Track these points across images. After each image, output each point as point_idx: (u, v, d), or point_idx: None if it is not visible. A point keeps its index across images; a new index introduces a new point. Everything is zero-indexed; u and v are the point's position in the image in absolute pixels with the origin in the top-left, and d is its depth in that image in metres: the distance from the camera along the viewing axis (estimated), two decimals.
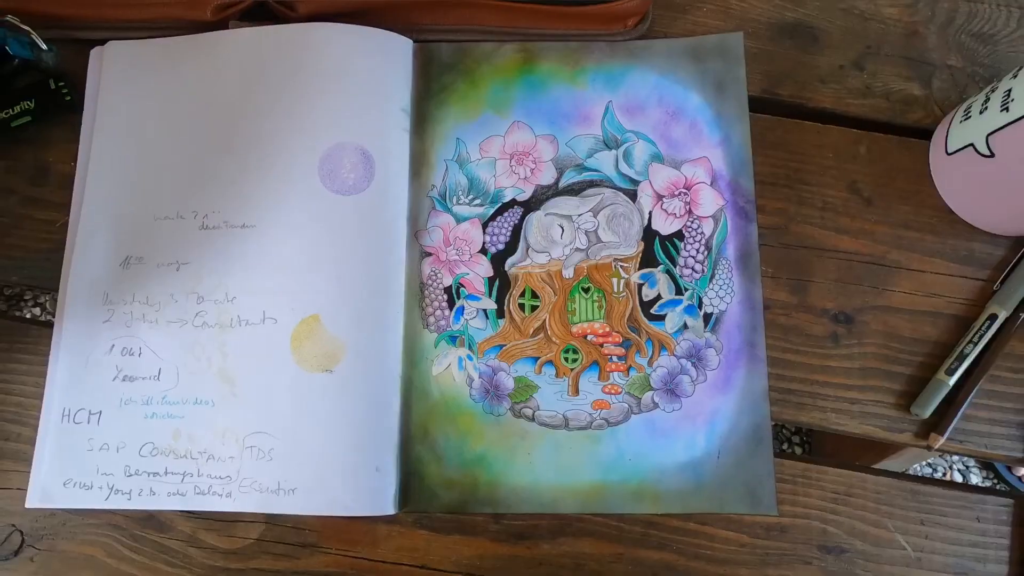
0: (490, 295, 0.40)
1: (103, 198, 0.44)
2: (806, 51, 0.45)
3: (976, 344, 0.39)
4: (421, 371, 0.39)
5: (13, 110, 0.43)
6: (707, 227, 0.41)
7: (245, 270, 0.40)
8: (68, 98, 0.45)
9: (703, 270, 0.41)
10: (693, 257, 0.41)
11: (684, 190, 0.42)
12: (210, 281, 0.40)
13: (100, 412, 0.39)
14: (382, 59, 0.42)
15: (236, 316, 0.39)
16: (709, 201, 0.42)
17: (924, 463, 0.98)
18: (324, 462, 0.37)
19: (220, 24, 0.43)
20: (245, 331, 0.39)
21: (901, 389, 0.40)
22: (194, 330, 0.39)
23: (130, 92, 0.45)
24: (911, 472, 0.60)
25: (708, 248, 0.41)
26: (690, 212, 0.42)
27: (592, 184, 0.42)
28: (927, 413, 0.42)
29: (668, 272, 0.41)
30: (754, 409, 0.39)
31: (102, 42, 0.45)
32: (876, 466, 0.61)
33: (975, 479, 0.99)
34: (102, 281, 0.41)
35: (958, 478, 0.98)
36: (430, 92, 0.43)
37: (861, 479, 0.41)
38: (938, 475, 0.99)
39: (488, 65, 0.43)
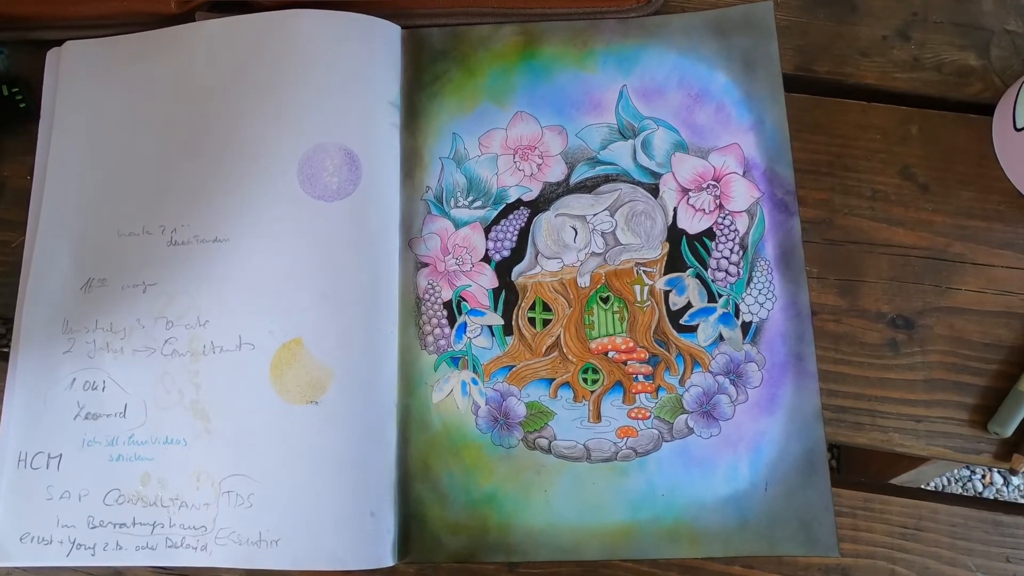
0: (496, 309, 0.38)
1: (62, 214, 0.41)
2: (844, 21, 0.42)
3: None
4: (420, 399, 0.37)
5: None
6: (741, 223, 0.38)
7: (218, 290, 0.37)
8: (23, 105, 0.42)
9: (738, 273, 0.38)
10: (726, 258, 0.38)
11: (713, 182, 0.39)
12: (180, 304, 0.38)
13: (60, 455, 0.37)
14: (366, 48, 0.39)
15: (209, 342, 0.37)
16: (742, 193, 0.39)
17: (959, 471, 0.91)
18: (311, 508, 0.34)
19: (186, 17, 0.41)
20: (219, 359, 0.36)
21: (974, 403, 0.37)
22: (163, 359, 0.37)
23: (91, 96, 0.42)
24: (964, 487, 0.54)
25: (743, 247, 0.38)
26: (721, 207, 0.38)
27: (607, 179, 0.39)
28: (1009, 431, 0.36)
29: (698, 276, 0.38)
30: (805, 432, 0.36)
31: (59, 43, 0.43)
32: (897, 481, 0.55)
33: None
34: (61, 307, 0.39)
35: (998, 480, 0.91)
36: (421, 83, 0.41)
37: (932, 510, 0.37)
38: (976, 480, 0.92)
39: (485, 50, 0.41)
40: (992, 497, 0.86)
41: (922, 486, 0.74)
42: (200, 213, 0.38)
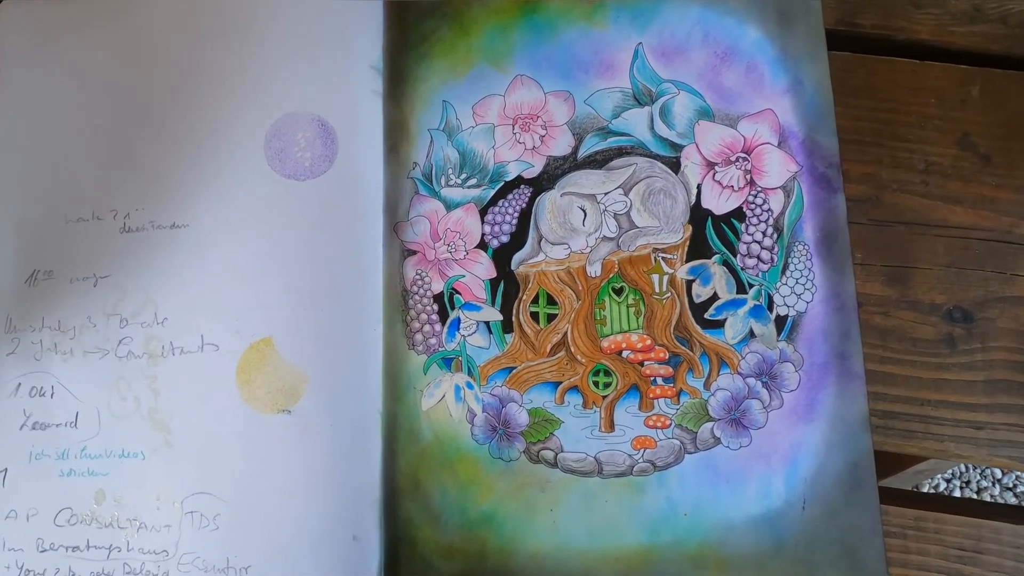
0: (493, 303, 0.36)
1: (3, 199, 0.38)
2: None
3: None
4: (407, 405, 0.35)
5: None
6: (775, 202, 0.35)
7: (178, 283, 0.35)
8: None
9: (772, 259, 0.35)
10: (758, 242, 0.35)
11: (743, 154, 0.36)
12: (135, 299, 0.36)
13: (5, 470, 0.35)
14: (343, 4, 0.37)
15: (168, 343, 0.35)
16: (777, 167, 0.35)
17: (952, 472, 0.85)
18: (285, 531, 0.33)
19: None
20: (180, 362, 0.35)
21: None
22: (117, 362, 0.35)
23: (32, 66, 0.39)
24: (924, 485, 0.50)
25: (778, 230, 0.35)
26: (752, 183, 0.35)
27: (621, 152, 0.36)
28: None
29: (726, 264, 0.35)
30: (850, 442, 0.33)
31: None
32: (886, 483, 0.51)
33: None
34: (3, 302, 0.37)
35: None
36: (407, 44, 0.38)
37: (994, 529, 0.34)
38: (978, 486, 0.85)
39: (480, 5, 0.38)
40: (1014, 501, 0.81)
41: (916, 487, 0.70)
42: (156, 196, 0.36)
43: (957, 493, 0.78)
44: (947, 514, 0.34)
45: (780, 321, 0.34)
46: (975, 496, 0.77)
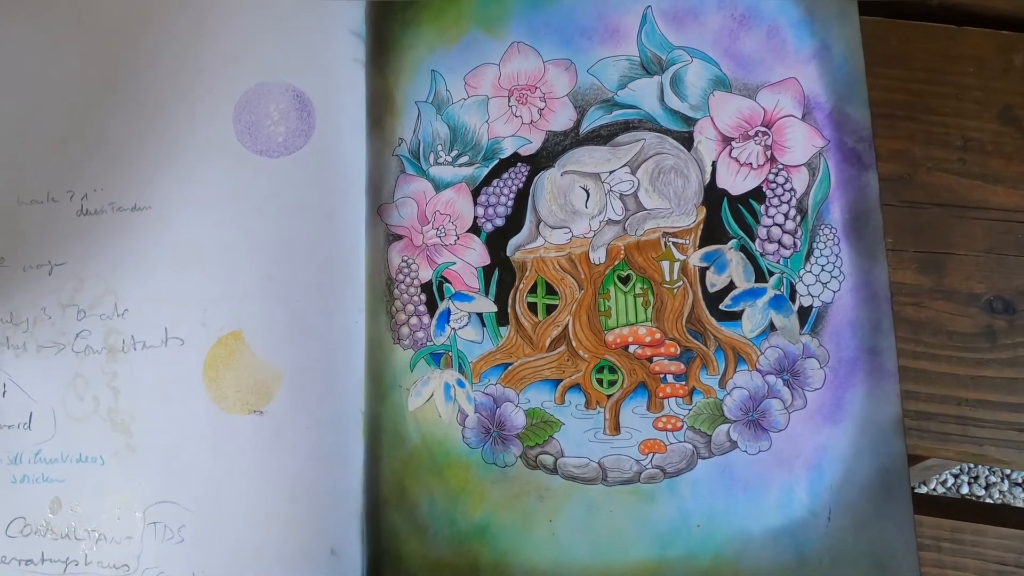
0: (487, 293, 0.34)
1: None
2: None
3: None
4: (392, 405, 0.34)
5: None
6: (799, 180, 0.34)
7: (139, 271, 0.34)
8: None
9: (795, 244, 0.33)
10: (780, 226, 0.33)
11: (763, 128, 0.34)
12: (93, 288, 0.34)
13: None
14: None
15: (129, 337, 0.33)
16: (801, 142, 0.34)
17: (954, 472, 0.82)
18: (256, 544, 0.31)
19: None
20: (142, 357, 0.33)
21: None
22: (75, 358, 0.34)
23: None
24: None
25: (801, 211, 0.33)
26: (773, 160, 0.34)
27: (628, 127, 0.35)
28: None
29: (743, 249, 0.33)
30: (881, 446, 0.31)
31: None
32: None
33: None
34: None
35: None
36: (392, 7, 0.36)
37: None
38: (987, 481, 0.82)
39: None
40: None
41: (923, 483, 0.68)
42: (116, 175, 0.34)
43: (965, 489, 0.76)
44: (987, 524, 0.33)
45: (804, 312, 0.33)
46: (983, 492, 0.74)
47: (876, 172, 0.33)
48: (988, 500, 0.75)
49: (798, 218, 0.33)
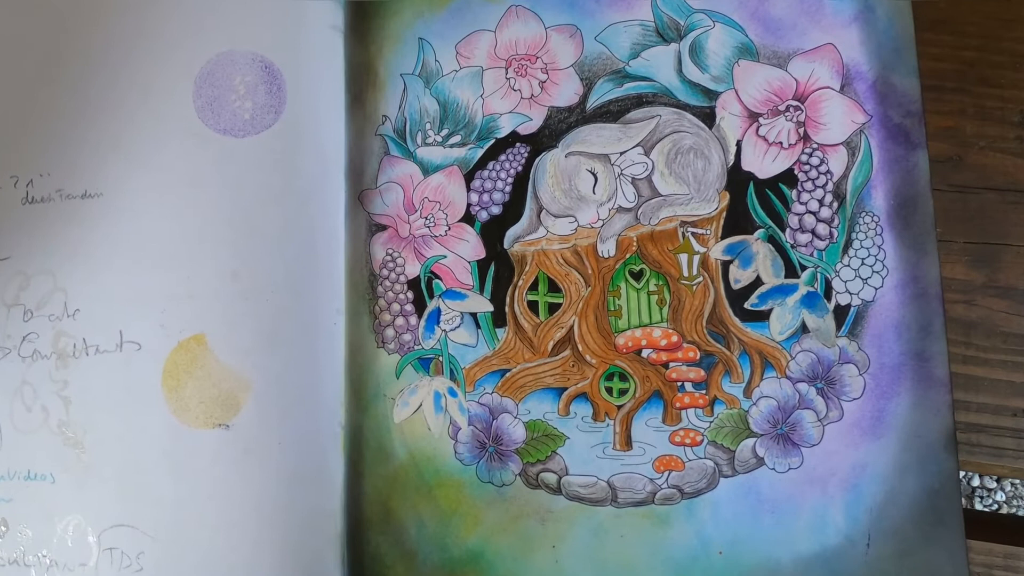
0: (482, 290, 0.33)
1: None
2: None
3: None
4: (376, 417, 0.33)
5: None
6: (836, 161, 0.32)
7: (91, 266, 0.33)
8: None
9: (831, 234, 0.31)
10: (814, 213, 0.32)
11: (795, 102, 0.32)
12: (41, 285, 0.33)
13: None
14: None
15: (81, 340, 0.32)
16: (839, 117, 0.32)
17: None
18: (222, 573, 0.31)
19: None
20: (95, 364, 0.32)
21: None
22: (21, 363, 0.33)
23: None
24: None
25: (839, 197, 0.32)
26: (806, 138, 0.32)
27: (641, 102, 0.33)
28: None
29: (772, 240, 0.32)
30: (929, 463, 0.29)
31: None
32: None
33: None
34: None
35: None
36: None
37: None
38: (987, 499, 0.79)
39: None
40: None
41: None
42: (64, 159, 0.33)
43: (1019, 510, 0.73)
44: None
45: (840, 312, 0.31)
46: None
47: (926, 151, 0.31)
48: None
49: (835, 204, 0.31)
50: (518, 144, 0.33)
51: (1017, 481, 0.67)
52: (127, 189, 0.32)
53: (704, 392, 0.31)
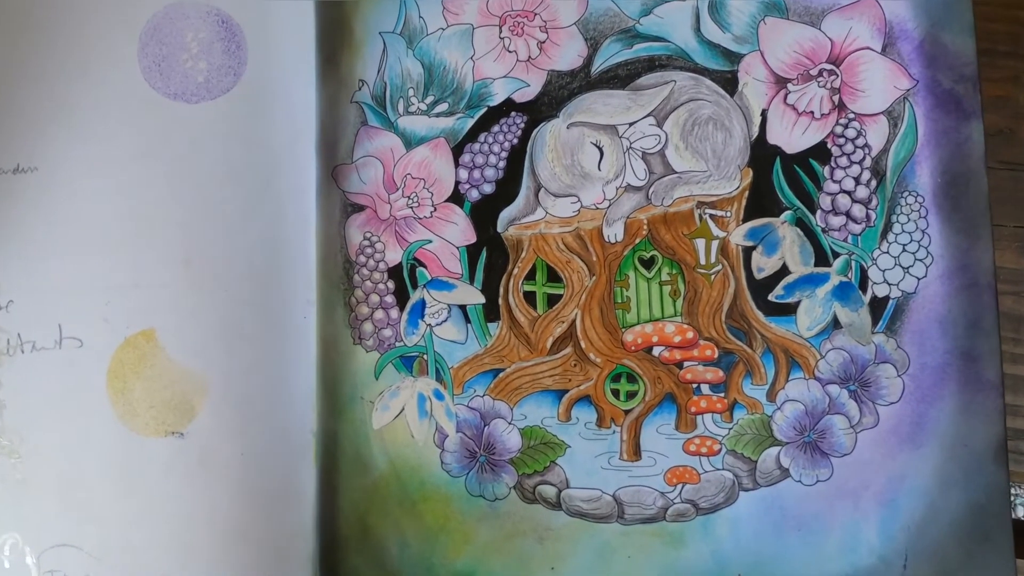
0: (472, 279, 0.32)
1: None
2: None
3: None
4: (352, 423, 0.31)
5: None
6: (876, 134, 0.30)
7: (26, 251, 0.31)
8: None
9: (868, 217, 0.30)
10: (849, 193, 0.30)
11: (829, 65, 0.31)
12: None
13: None
14: None
15: (16, 335, 0.31)
16: (880, 83, 0.30)
17: None
18: None
19: None
20: (32, 362, 0.31)
21: None
22: None
23: None
24: None
25: (878, 175, 0.30)
26: (842, 107, 0.30)
27: (653, 65, 0.32)
28: None
29: (800, 223, 0.30)
30: (975, 475, 0.28)
31: None
32: None
33: None
34: None
35: None
36: None
37: None
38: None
39: None
40: None
41: None
42: None
43: None
44: None
45: (877, 305, 0.30)
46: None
47: (981, 122, 0.29)
48: None
49: (873, 183, 0.30)
50: (513, 113, 0.31)
51: None
52: (65, 163, 0.30)
53: (722, 395, 0.30)
